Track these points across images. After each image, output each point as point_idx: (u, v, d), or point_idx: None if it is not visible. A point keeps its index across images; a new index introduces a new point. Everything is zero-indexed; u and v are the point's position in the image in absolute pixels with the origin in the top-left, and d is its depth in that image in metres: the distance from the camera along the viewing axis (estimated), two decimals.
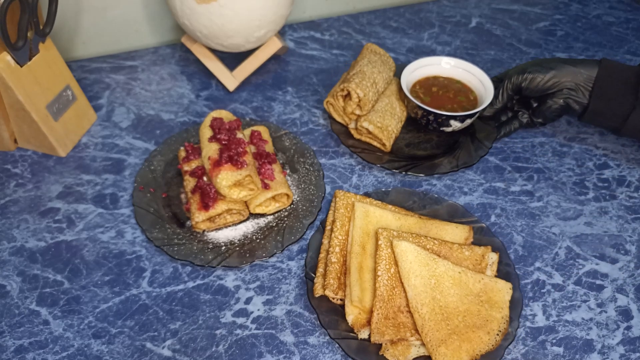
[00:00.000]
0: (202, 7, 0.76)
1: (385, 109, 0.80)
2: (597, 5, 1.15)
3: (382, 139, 0.77)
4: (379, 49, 0.87)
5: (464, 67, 0.85)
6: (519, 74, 0.76)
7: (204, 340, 0.58)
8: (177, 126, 0.83)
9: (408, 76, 0.83)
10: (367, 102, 0.77)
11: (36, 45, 0.73)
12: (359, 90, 0.76)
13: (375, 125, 0.77)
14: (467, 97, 0.82)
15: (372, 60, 0.83)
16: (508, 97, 0.78)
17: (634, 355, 0.59)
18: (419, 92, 0.83)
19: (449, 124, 0.77)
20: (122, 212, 0.70)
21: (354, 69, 0.82)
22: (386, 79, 0.83)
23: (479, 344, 0.56)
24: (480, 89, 0.81)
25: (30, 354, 0.56)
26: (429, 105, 0.79)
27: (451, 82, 0.85)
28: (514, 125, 0.80)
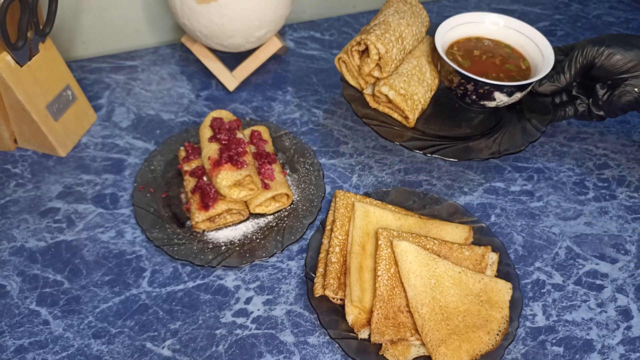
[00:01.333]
0: (202, 7, 0.76)
1: (412, 73, 0.66)
2: (597, 5, 1.15)
3: (404, 110, 0.64)
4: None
5: (517, 28, 0.70)
6: (594, 46, 0.63)
7: (204, 340, 0.58)
8: (177, 126, 0.83)
9: (444, 35, 0.68)
10: (390, 62, 0.63)
11: (36, 45, 0.73)
12: (379, 45, 0.62)
13: (398, 92, 0.63)
14: (517, 66, 0.67)
15: (400, 9, 0.69)
16: (576, 72, 0.64)
17: (634, 355, 0.59)
18: (457, 54, 0.68)
19: (492, 97, 0.63)
20: (122, 212, 0.70)
21: (376, 19, 0.68)
22: (416, 34, 0.68)
23: (479, 344, 0.56)
24: (536, 57, 0.67)
25: (30, 354, 0.56)
26: (468, 71, 0.64)
27: (498, 45, 0.70)
28: (568, 112, 0.67)
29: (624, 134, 0.85)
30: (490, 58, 0.68)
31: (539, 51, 0.67)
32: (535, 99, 0.67)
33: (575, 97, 0.67)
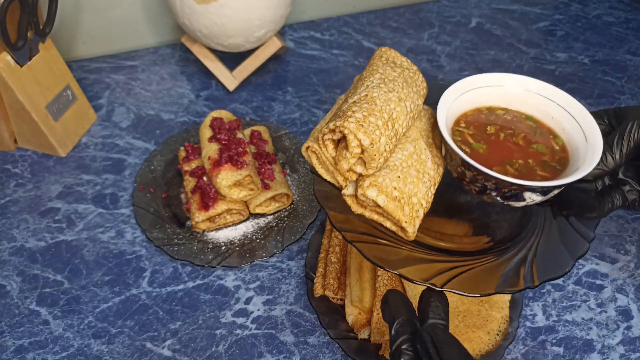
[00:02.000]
0: (202, 7, 0.76)
1: (408, 165, 0.48)
2: (597, 5, 1.15)
3: (400, 220, 0.46)
4: (399, 56, 0.55)
5: (544, 93, 0.52)
6: None
7: (204, 340, 0.58)
8: (177, 126, 0.83)
9: (450, 106, 0.51)
10: (377, 155, 0.45)
11: (36, 45, 0.73)
12: (361, 135, 0.45)
13: (390, 195, 0.46)
14: (549, 146, 0.49)
15: (388, 76, 0.51)
16: (629, 152, 0.46)
17: (634, 355, 0.59)
18: (466, 134, 0.50)
19: (521, 197, 0.46)
20: (122, 212, 0.70)
21: (357, 90, 0.50)
22: (411, 110, 0.50)
23: (479, 343, 0.56)
24: (574, 132, 0.49)
25: (30, 354, 0.56)
26: (484, 159, 0.47)
27: (518, 117, 0.52)
28: (616, 202, 0.49)
29: None
30: (511, 136, 0.50)
31: (576, 125, 0.49)
32: (572, 186, 0.48)
33: (622, 181, 0.50)
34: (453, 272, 0.45)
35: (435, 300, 0.43)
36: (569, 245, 0.47)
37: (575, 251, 0.47)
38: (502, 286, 0.44)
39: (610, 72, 0.97)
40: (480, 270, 0.46)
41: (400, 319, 0.43)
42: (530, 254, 0.47)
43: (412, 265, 0.45)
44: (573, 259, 0.46)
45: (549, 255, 0.47)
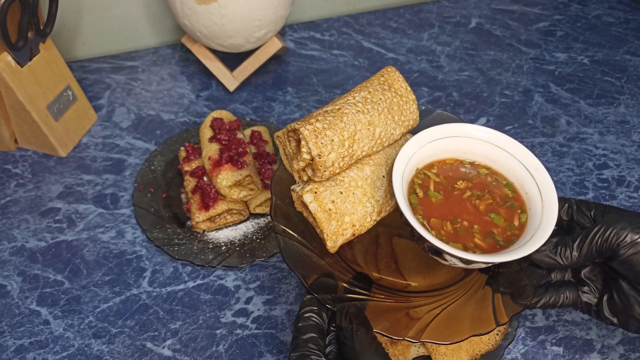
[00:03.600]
0: (202, 8, 0.77)
1: (356, 185, 0.49)
2: (597, 6, 1.15)
3: (323, 230, 0.47)
4: (400, 81, 0.53)
5: (528, 166, 0.49)
6: (624, 229, 0.43)
7: (204, 340, 0.58)
8: (177, 126, 0.83)
9: (424, 145, 0.49)
10: (322, 168, 0.46)
11: (36, 45, 0.73)
12: (312, 145, 0.45)
13: (323, 206, 0.47)
14: (508, 220, 0.48)
15: (374, 97, 0.50)
16: (588, 256, 0.44)
17: (634, 355, 0.59)
18: (432, 179, 0.49)
19: (443, 257, 0.45)
20: (123, 212, 0.70)
21: (338, 100, 0.50)
22: (382, 137, 0.50)
23: (479, 343, 0.56)
24: (537, 211, 0.47)
25: (30, 353, 0.56)
26: (431, 208, 0.47)
27: (498, 182, 0.50)
28: (564, 299, 0.47)
29: (624, 134, 0.85)
30: (477, 198, 0.48)
31: (540, 203, 0.47)
32: (521, 267, 0.48)
33: (583, 281, 0.48)
34: (355, 297, 0.46)
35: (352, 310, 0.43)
36: (475, 320, 0.46)
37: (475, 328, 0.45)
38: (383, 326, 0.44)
39: (609, 72, 0.97)
40: (375, 307, 0.46)
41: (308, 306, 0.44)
42: (441, 306, 0.47)
43: (321, 277, 0.46)
44: (466, 335, 0.44)
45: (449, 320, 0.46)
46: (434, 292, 0.50)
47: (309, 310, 0.44)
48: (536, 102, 0.90)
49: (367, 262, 0.51)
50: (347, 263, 0.50)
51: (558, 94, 0.92)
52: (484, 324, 0.45)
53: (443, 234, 0.46)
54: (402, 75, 0.54)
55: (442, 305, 0.48)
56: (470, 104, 0.89)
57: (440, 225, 0.47)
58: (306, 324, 0.43)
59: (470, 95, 0.91)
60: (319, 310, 0.44)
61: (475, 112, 0.88)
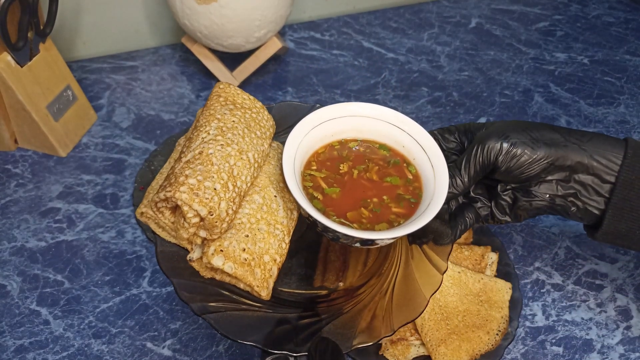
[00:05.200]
0: (203, 8, 0.77)
1: (257, 219, 0.45)
2: (597, 6, 1.15)
3: (252, 285, 0.43)
4: (239, 93, 0.51)
5: (395, 122, 0.50)
6: (497, 141, 0.47)
7: (204, 340, 0.58)
8: (177, 126, 0.83)
9: (299, 146, 0.47)
10: (218, 222, 0.42)
11: (36, 45, 0.73)
12: (197, 206, 0.41)
13: (238, 260, 0.43)
14: (403, 177, 0.48)
15: (227, 123, 0.46)
16: (475, 175, 0.48)
17: (634, 355, 0.59)
18: (319, 178, 0.48)
19: (374, 243, 0.45)
20: (123, 212, 0.70)
21: (191, 144, 0.45)
22: (256, 159, 0.47)
23: (479, 343, 0.56)
24: (422, 163, 0.49)
25: (30, 353, 0.56)
26: (338, 204, 0.46)
27: (371, 147, 0.50)
28: (469, 220, 0.51)
29: (624, 134, 0.85)
30: (364, 172, 0.48)
31: (424, 154, 0.48)
32: None
33: (474, 198, 0.52)
34: (313, 329, 0.44)
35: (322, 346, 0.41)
36: (423, 281, 0.47)
37: (429, 288, 0.47)
38: (361, 338, 0.44)
39: (609, 72, 0.97)
40: (338, 325, 0.45)
41: None
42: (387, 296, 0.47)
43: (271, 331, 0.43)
44: (427, 297, 0.46)
45: (405, 295, 0.46)
46: (372, 280, 0.50)
47: None
48: (536, 102, 0.90)
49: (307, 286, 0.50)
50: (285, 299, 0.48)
51: (558, 94, 0.92)
52: (432, 279, 0.47)
53: (365, 222, 0.45)
54: (237, 87, 0.51)
55: (388, 287, 0.48)
56: (470, 104, 0.89)
57: (359, 215, 0.46)
58: None
59: (470, 95, 0.91)
60: None
61: (475, 112, 0.88)
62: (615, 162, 0.47)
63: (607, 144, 0.48)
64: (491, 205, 0.51)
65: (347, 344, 0.43)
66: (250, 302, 0.45)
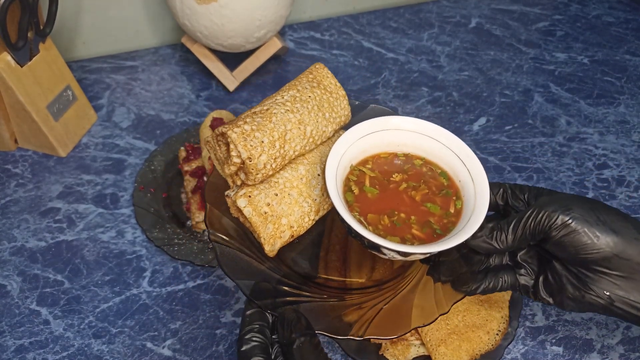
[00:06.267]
0: (203, 8, 0.77)
1: (292, 185, 0.48)
2: (597, 6, 1.15)
3: (259, 234, 0.46)
4: (329, 77, 0.53)
5: (460, 154, 0.50)
6: (555, 212, 0.43)
7: (204, 340, 0.58)
8: (177, 126, 0.83)
9: (354, 142, 0.49)
10: (254, 170, 0.46)
11: (36, 45, 0.73)
12: (241, 148, 0.45)
13: (258, 210, 0.46)
14: (444, 208, 0.48)
15: (303, 95, 0.50)
16: (522, 239, 0.45)
17: (634, 355, 0.59)
18: (367, 174, 0.49)
19: (381, 252, 0.45)
20: (123, 212, 0.70)
21: (266, 101, 0.49)
22: (313, 135, 0.50)
23: (479, 343, 0.56)
24: (471, 199, 0.48)
25: (30, 353, 0.56)
26: (368, 203, 0.47)
27: (433, 171, 0.50)
28: (503, 283, 0.47)
29: (624, 134, 0.85)
30: (413, 190, 0.48)
31: (473, 189, 0.47)
32: (461, 254, 0.49)
33: (519, 264, 0.48)
34: (295, 300, 0.45)
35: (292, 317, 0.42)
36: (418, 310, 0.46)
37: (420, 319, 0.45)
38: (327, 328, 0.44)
39: (609, 72, 0.97)
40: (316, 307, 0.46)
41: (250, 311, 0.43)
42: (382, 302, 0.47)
43: (259, 283, 0.45)
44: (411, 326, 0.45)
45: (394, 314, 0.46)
46: (375, 287, 0.50)
47: (250, 330, 0.42)
48: (536, 102, 0.90)
49: (311, 264, 0.50)
50: (289, 267, 0.49)
51: (558, 94, 0.92)
52: (428, 314, 0.46)
53: (380, 229, 0.46)
54: (330, 72, 0.53)
55: (386, 299, 0.48)
56: (470, 104, 0.89)
57: (378, 220, 0.46)
58: (249, 346, 0.40)
59: (470, 95, 0.91)
60: (260, 327, 0.42)
61: (475, 112, 0.88)
62: None
63: None
64: (539, 280, 0.47)
65: (315, 325, 0.43)
66: (258, 254, 0.48)
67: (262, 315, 0.43)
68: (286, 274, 0.49)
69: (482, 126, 0.85)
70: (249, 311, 0.43)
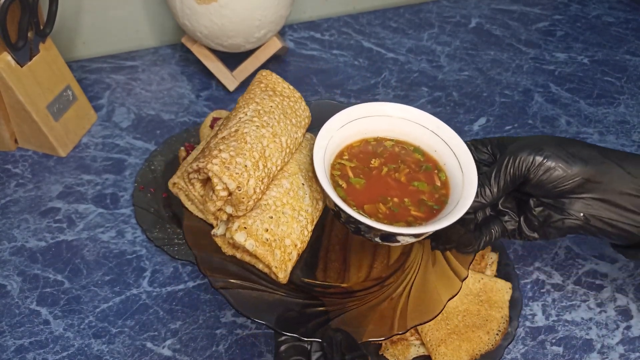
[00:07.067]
0: (202, 8, 0.77)
1: (282, 203, 0.46)
2: (597, 6, 1.15)
3: (270, 265, 0.44)
4: (280, 82, 0.52)
5: (429, 125, 0.51)
6: (529, 154, 0.47)
7: (204, 340, 0.58)
8: (177, 126, 0.83)
9: (331, 137, 0.48)
10: (245, 199, 0.44)
11: (36, 45, 0.73)
12: (227, 179, 0.42)
13: (259, 239, 0.44)
14: (431, 183, 0.49)
15: (264, 107, 0.48)
16: (505, 186, 0.48)
17: (634, 355, 0.59)
18: (348, 167, 0.49)
19: (395, 240, 0.45)
20: (123, 212, 0.70)
21: (229, 122, 0.47)
22: (289, 145, 0.48)
23: (479, 343, 0.56)
24: (454, 168, 0.49)
25: (30, 353, 0.56)
26: (360, 195, 0.46)
27: (406, 149, 0.51)
28: (495, 233, 0.50)
29: (624, 134, 0.85)
30: (394, 172, 0.49)
31: (455, 160, 0.48)
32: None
33: (502, 212, 0.51)
34: (324, 319, 0.44)
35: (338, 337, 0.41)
36: (442, 284, 0.47)
37: (448, 290, 0.47)
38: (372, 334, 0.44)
39: (609, 72, 0.97)
40: (350, 316, 0.45)
41: None
42: (406, 288, 0.47)
43: (283, 314, 0.44)
44: (444, 301, 0.46)
45: (422, 297, 0.47)
46: (390, 278, 0.50)
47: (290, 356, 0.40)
48: (536, 102, 0.90)
49: (327, 272, 0.50)
50: (299, 285, 0.48)
51: (558, 94, 0.92)
52: (451, 284, 0.47)
53: (381, 217, 0.46)
54: (279, 76, 0.52)
55: (406, 285, 0.48)
56: (470, 104, 0.89)
57: (375, 210, 0.46)
58: None
59: (470, 95, 0.91)
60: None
61: (475, 112, 0.88)
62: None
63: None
64: (520, 221, 0.50)
65: (358, 337, 0.43)
66: (267, 284, 0.46)
67: (297, 348, 0.41)
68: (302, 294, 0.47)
69: (482, 126, 0.85)
70: (283, 346, 0.41)
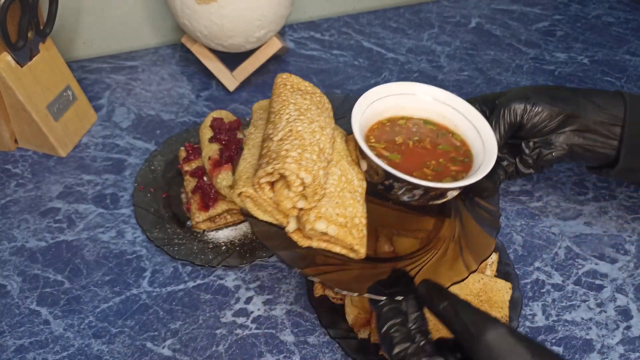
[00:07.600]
0: (202, 8, 0.77)
1: (342, 188, 0.49)
2: (597, 6, 1.15)
3: (352, 244, 0.47)
4: (301, 81, 0.56)
5: (424, 94, 0.56)
6: (520, 103, 0.55)
7: (204, 340, 0.58)
8: (177, 126, 0.83)
9: (360, 119, 0.52)
10: (319, 189, 0.47)
11: (36, 45, 0.73)
12: (303, 174, 0.45)
13: (337, 222, 0.47)
14: (451, 144, 0.54)
15: (301, 106, 0.51)
16: (506, 133, 0.56)
17: (634, 355, 0.59)
18: (379, 148, 0.52)
19: (444, 196, 0.51)
20: (123, 212, 0.70)
21: (276, 125, 0.50)
22: (330, 135, 0.52)
23: None
24: (466, 129, 0.55)
25: (30, 353, 0.56)
26: (403, 167, 0.49)
27: (419, 124, 0.56)
28: (500, 177, 0.58)
29: None
30: (418, 142, 0.53)
31: (463, 118, 0.55)
32: None
33: (500, 157, 0.58)
34: (413, 273, 0.49)
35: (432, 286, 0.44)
36: (486, 224, 0.54)
37: (492, 230, 0.53)
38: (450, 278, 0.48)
39: (609, 72, 0.97)
40: (427, 268, 0.49)
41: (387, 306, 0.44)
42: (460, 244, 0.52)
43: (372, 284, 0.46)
44: (494, 234, 0.52)
45: (477, 238, 0.52)
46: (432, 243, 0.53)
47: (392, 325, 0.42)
48: None
49: None
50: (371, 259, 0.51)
51: None
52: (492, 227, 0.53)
53: (430, 179, 0.50)
54: (297, 76, 0.56)
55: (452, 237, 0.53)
56: None
57: (424, 174, 0.51)
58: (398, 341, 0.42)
59: (470, 95, 0.91)
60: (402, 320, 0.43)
61: None
62: (619, 108, 0.56)
63: (607, 95, 0.57)
64: (516, 162, 0.58)
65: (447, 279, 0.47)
66: (344, 263, 0.49)
67: (394, 310, 0.44)
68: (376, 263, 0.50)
69: None
70: (385, 308, 0.44)
